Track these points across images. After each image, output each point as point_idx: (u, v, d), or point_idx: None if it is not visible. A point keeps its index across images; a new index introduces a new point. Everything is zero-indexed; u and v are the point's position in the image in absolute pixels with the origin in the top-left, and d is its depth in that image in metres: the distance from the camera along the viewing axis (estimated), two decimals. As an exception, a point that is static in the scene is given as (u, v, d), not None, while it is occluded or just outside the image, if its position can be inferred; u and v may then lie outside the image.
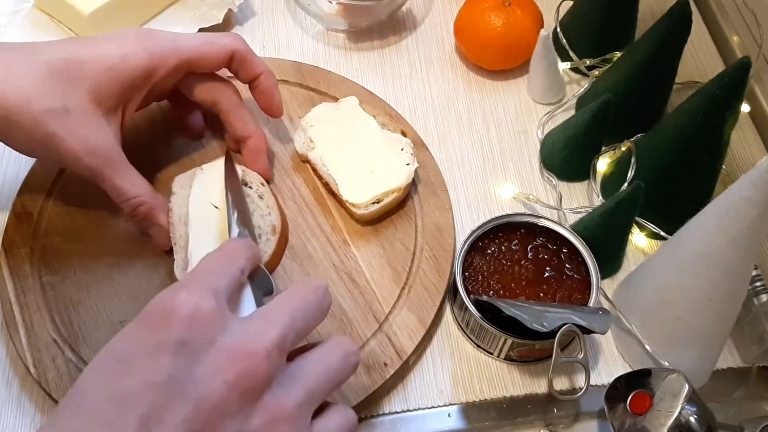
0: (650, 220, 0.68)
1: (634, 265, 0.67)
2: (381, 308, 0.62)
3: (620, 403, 0.55)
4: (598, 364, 0.63)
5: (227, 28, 0.81)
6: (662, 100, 0.73)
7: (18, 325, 0.60)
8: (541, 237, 0.64)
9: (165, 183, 0.65)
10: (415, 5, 0.85)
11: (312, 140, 0.68)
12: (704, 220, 0.55)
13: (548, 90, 0.77)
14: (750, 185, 0.50)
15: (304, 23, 0.82)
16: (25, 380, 0.59)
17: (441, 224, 0.67)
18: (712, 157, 0.65)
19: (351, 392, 0.58)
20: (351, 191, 0.65)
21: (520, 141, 0.75)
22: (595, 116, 0.68)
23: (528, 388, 0.62)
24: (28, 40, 0.75)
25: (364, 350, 0.60)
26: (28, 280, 0.62)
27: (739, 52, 0.81)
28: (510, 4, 0.76)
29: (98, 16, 0.73)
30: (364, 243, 0.66)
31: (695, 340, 0.59)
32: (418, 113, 0.76)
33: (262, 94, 0.65)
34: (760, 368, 0.64)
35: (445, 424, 0.61)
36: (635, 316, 0.61)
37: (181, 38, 0.61)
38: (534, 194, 0.71)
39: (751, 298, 0.63)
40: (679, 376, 0.53)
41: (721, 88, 0.59)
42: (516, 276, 0.62)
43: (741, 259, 0.54)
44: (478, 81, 0.79)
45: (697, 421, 0.52)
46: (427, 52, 0.81)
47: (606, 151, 0.72)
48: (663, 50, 0.67)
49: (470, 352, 0.63)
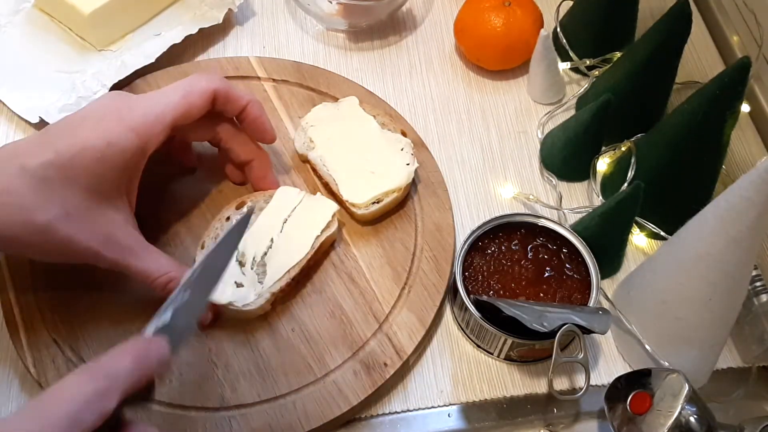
0: (650, 220, 0.68)
1: (634, 265, 0.67)
2: (381, 308, 0.62)
3: (620, 403, 0.55)
4: (598, 364, 0.63)
5: (227, 28, 0.80)
6: (662, 100, 0.73)
7: (18, 325, 0.60)
8: (541, 237, 0.64)
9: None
10: (415, 5, 0.85)
11: (312, 140, 0.68)
12: (704, 220, 0.55)
13: (548, 90, 0.77)
14: (750, 185, 0.50)
15: (304, 23, 0.82)
16: (25, 380, 0.59)
17: (441, 224, 0.66)
18: (712, 157, 0.65)
19: (351, 392, 0.58)
20: (351, 191, 0.65)
21: (520, 141, 0.75)
22: (595, 116, 0.68)
23: (528, 388, 0.62)
24: (28, 40, 0.76)
25: (364, 350, 0.60)
26: (29, 280, 0.62)
27: (739, 52, 0.81)
28: (510, 4, 0.76)
29: (98, 16, 0.73)
30: (364, 243, 0.65)
31: (695, 340, 0.59)
32: (418, 113, 0.76)
33: (253, 123, 0.63)
34: (760, 368, 0.64)
35: (445, 424, 0.61)
36: (635, 316, 0.61)
37: (160, 99, 0.58)
38: (534, 194, 0.71)
39: (751, 298, 0.63)
40: (679, 376, 0.53)
41: (721, 88, 0.59)
42: (516, 276, 0.62)
43: (741, 260, 0.54)
44: (478, 81, 0.79)
45: (697, 421, 0.52)
46: (427, 52, 0.81)
47: (606, 151, 0.72)
48: (663, 50, 0.67)
49: (470, 352, 0.63)
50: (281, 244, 0.61)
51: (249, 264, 0.60)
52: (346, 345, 0.60)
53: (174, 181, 0.68)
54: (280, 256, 0.61)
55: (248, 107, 0.62)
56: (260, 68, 0.75)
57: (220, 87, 0.60)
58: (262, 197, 0.64)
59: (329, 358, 0.60)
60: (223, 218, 0.63)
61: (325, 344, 0.60)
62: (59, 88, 0.72)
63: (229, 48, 0.80)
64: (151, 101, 0.58)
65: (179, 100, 0.58)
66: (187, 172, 0.68)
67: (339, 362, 0.59)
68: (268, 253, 0.61)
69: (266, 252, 0.61)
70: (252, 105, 0.62)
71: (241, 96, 0.62)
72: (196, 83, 0.59)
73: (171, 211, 0.66)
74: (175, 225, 0.65)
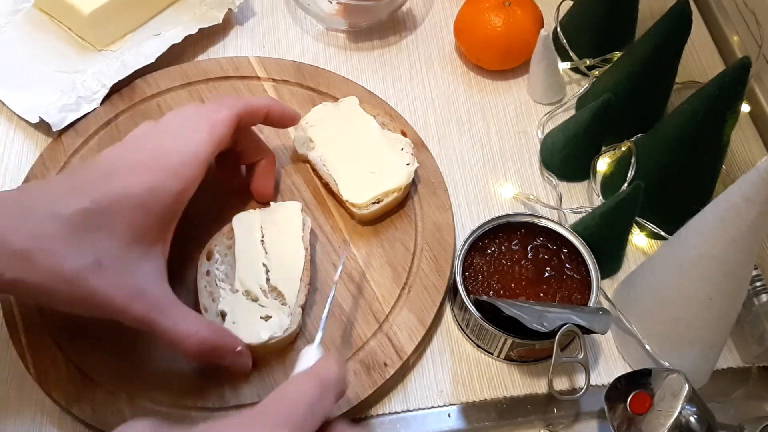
0: (650, 220, 0.68)
1: (634, 265, 0.67)
2: (381, 308, 0.62)
3: (620, 403, 0.55)
4: (598, 364, 0.63)
5: (227, 28, 0.80)
6: (662, 100, 0.73)
7: (18, 325, 0.60)
8: (541, 237, 0.64)
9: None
10: (415, 5, 0.85)
11: (312, 140, 0.68)
12: (704, 220, 0.55)
13: (548, 90, 0.77)
14: (750, 185, 0.50)
15: (304, 23, 0.82)
16: (25, 380, 0.59)
17: (441, 224, 0.66)
18: (712, 157, 0.65)
19: (351, 392, 0.58)
20: (351, 191, 0.65)
21: (520, 141, 0.75)
22: (595, 116, 0.68)
23: (528, 388, 0.62)
24: (28, 40, 0.76)
25: (364, 350, 0.60)
26: (28, 280, 0.62)
27: (739, 52, 0.81)
28: (510, 4, 0.76)
29: (98, 15, 0.73)
30: (364, 243, 0.66)
31: (695, 340, 0.59)
32: (418, 113, 0.76)
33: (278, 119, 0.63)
34: (760, 368, 0.64)
35: (445, 424, 0.61)
36: (635, 316, 0.61)
37: (191, 138, 0.56)
38: (534, 194, 0.71)
39: (751, 298, 0.63)
40: (679, 376, 0.53)
41: (721, 88, 0.59)
42: (516, 276, 0.62)
43: (741, 260, 0.54)
44: (478, 81, 0.79)
45: (697, 421, 0.52)
46: (427, 52, 0.81)
47: (606, 151, 0.72)
48: (663, 50, 0.67)
49: (470, 352, 0.63)
50: (276, 263, 0.61)
51: (261, 296, 0.59)
52: (345, 345, 0.60)
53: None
54: (284, 272, 0.60)
55: (270, 111, 0.62)
56: (260, 68, 0.75)
57: (241, 109, 0.59)
58: (223, 236, 0.62)
59: (329, 358, 0.60)
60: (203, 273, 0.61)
61: (325, 344, 0.60)
62: (59, 88, 0.72)
63: (229, 48, 0.80)
64: (183, 141, 0.56)
65: (208, 137, 0.56)
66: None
67: (339, 362, 0.59)
68: (271, 278, 0.60)
69: (268, 278, 0.60)
70: (273, 107, 0.62)
71: (260, 107, 0.61)
72: (218, 113, 0.58)
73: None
74: None
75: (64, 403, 0.57)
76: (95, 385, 0.58)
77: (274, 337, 0.57)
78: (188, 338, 0.52)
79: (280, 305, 0.59)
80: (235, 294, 0.59)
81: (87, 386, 0.58)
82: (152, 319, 0.52)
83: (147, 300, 0.52)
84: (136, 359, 0.59)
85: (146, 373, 0.59)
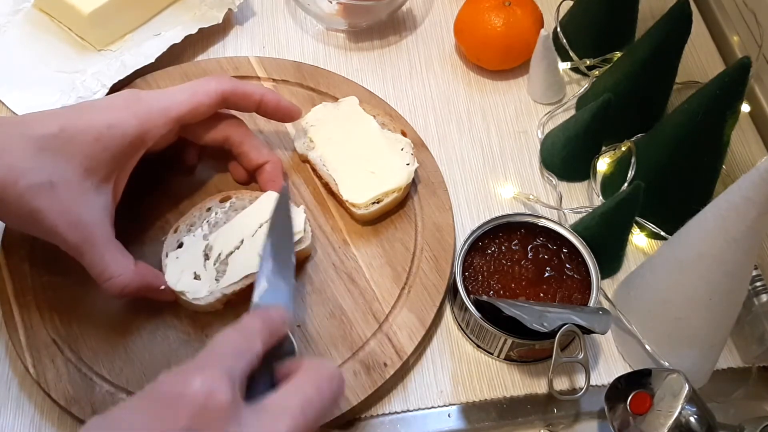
0: (650, 220, 0.68)
1: (634, 265, 0.67)
2: (381, 308, 0.62)
3: (620, 403, 0.55)
4: (598, 364, 0.63)
5: (227, 28, 0.81)
6: (662, 100, 0.73)
7: (18, 325, 0.60)
8: (541, 237, 0.64)
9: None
10: (415, 5, 0.85)
11: (312, 140, 0.68)
12: (704, 220, 0.55)
13: (548, 90, 0.77)
14: (750, 185, 0.50)
15: (304, 23, 0.82)
16: (25, 380, 0.59)
17: (441, 224, 0.66)
18: (712, 157, 0.65)
19: (351, 392, 0.58)
20: (351, 191, 0.65)
21: (520, 141, 0.75)
22: (595, 116, 0.68)
23: (528, 388, 0.62)
24: (28, 39, 0.76)
25: (364, 350, 0.60)
26: (28, 280, 0.62)
27: (739, 52, 0.81)
28: (510, 4, 0.76)
29: (98, 16, 0.73)
30: (364, 243, 0.65)
31: (695, 340, 0.59)
32: (418, 113, 0.76)
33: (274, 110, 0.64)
34: (760, 368, 0.63)
35: (445, 424, 0.61)
36: (635, 316, 0.61)
37: (168, 96, 0.59)
38: (534, 194, 0.71)
39: (751, 298, 0.63)
40: (679, 376, 0.53)
41: (721, 88, 0.59)
42: (516, 276, 0.62)
43: (741, 259, 0.54)
44: (478, 81, 0.79)
45: (697, 421, 0.52)
46: (427, 52, 0.81)
47: (606, 151, 0.72)
48: (663, 50, 0.67)
49: (470, 352, 0.63)
50: (249, 248, 0.61)
51: (213, 259, 0.60)
52: (345, 345, 0.60)
53: (173, 179, 0.67)
54: (244, 259, 0.60)
55: (264, 99, 0.63)
56: (260, 68, 0.75)
57: (229, 87, 0.61)
58: (248, 197, 0.64)
59: (329, 358, 0.60)
60: (203, 208, 0.63)
61: (325, 344, 0.60)
62: (59, 88, 0.72)
63: (229, 48, 0.80)
64: (160, 96, 0.60)
65: (186, 98, 0.60)
66: (188, 171, 0.68)
67: (339, 362, 0.59)
68: (234, 253, 0.60)
69: (232, 252, 0.60)
70: (266, 96, 0.63)
71: (252, 91, 0.63)
72: (204, 84, 0.61)
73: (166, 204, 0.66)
74: (167, 215, 0.65)
75: (63, 403, 0.57)
76: (95, 385, 0.58)
77: (183, 294, 0.58)
78: (111, 279, 0.56)
79: (213, 279, 0.59)
80: (203, 240, 0.61)
81: (87, 386, 0.58)
82: (84, 250, 0.55)
83: (84, 231, 0.54)
84: (136, 359, 0.59)
85: (146, 373, 0.59)
